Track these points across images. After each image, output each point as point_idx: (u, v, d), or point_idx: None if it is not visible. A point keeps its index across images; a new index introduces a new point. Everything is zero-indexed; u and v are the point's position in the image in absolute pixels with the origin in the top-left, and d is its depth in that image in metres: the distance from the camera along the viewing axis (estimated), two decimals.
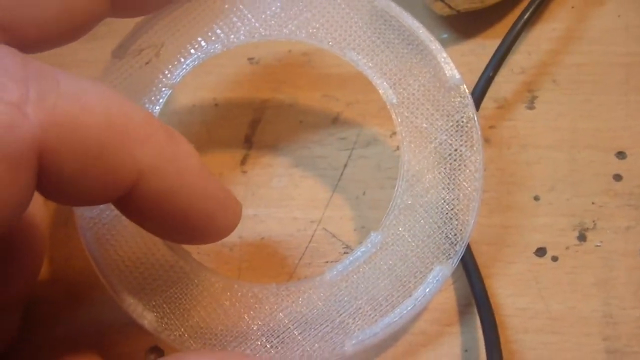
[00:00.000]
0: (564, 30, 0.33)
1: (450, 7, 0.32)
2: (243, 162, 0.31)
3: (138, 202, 0.20)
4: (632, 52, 0.33)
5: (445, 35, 0.34)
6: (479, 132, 0.27)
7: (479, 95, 0.30)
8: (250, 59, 0.34)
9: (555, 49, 0.33)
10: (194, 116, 0.32)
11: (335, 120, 0.32)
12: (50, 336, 0.28)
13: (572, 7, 0.34)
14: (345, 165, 0.31)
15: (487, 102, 0.32)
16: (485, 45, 0.33)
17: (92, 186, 0.19)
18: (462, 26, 0.34)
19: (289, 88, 0.33)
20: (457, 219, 0.26)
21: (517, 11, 0.33)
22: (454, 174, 0.26)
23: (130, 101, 0.20)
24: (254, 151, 0.31)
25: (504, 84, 0.32)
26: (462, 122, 0.27)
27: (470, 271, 0.27)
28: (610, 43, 0.33)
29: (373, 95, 0.28)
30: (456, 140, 0.27)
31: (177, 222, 0.21)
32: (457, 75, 0.27)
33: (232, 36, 0.28)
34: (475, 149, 0.26)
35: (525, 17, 0.31)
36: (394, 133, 0.31)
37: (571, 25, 0.34)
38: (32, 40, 0.21)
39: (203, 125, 0.32)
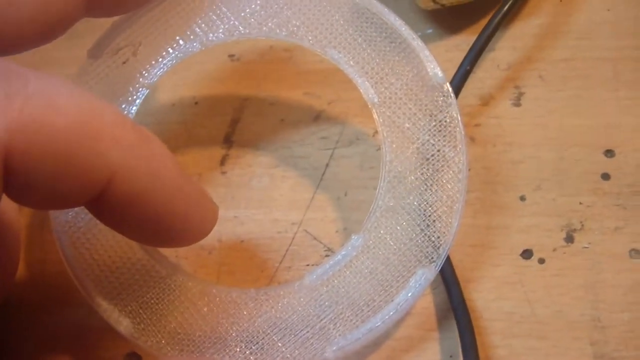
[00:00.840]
0: (550, 25, 0.33)
1: (434, 1, 0.31)
2: (222, 162, 0.31)
3: (111, 205, 0.20)
4: (621, 46, 0.32)
5: (430, 30, 0.33)
6: (463, 132, 0.26)
7: (455, 90, 0.29)
8: (231, 55, 0.33)
9: (541, 44, 0.32)
10: (173, 115, 0.32)
11: (317, 119, 0.31)
12: (26, 341, 0.28)
13: (560, 0, 0.33)
14: (327, 165, 0.30)
15: (472, 99, 0.31)
16: (470, 41, 0.32)
17: (62, 189, 0.19)
18: (447, 21, 0.33)
19: (270, 85, 0.32)
20: (440, 221, 0.25)
21: None
22: (437, 175, 0.26)
23: (102, 101, 0.20)
24: (234, 151, 0.31)
25: (489, 80, 0.32)
26: (446, 121, 0.26)
27: (447, 276, 0.27)
28: (598, 37, 0.32)
29: (355, 93, 0.27)
30: (439, 140, 0.26)
31: (152, 224, 0.21)
32: (440, 74, 0.27)
33: (211, 35, 0.28)
34: (458, 149, 0.26)
35: (505, 8, 0.31)
36: (377, 132, 0.30)
37: (558, 19, 0.33)
38: (6, 42, 0.21)
39: (182, 124, 0.32)
